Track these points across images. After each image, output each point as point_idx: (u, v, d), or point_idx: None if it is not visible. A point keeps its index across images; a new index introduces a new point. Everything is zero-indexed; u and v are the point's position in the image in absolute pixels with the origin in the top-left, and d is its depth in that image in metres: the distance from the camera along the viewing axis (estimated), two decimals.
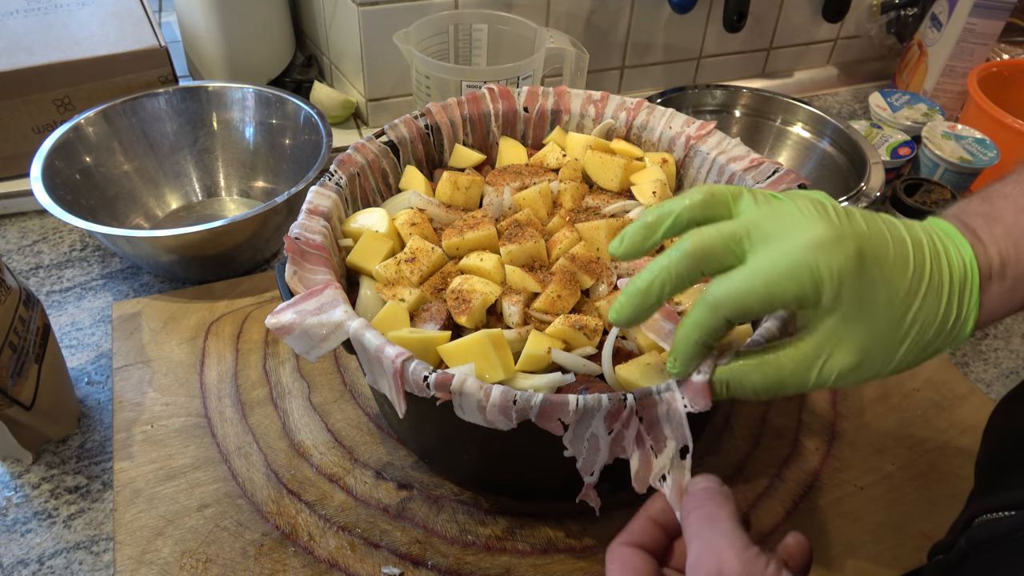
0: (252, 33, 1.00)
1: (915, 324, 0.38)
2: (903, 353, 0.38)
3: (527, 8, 0.96)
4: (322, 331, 0.47)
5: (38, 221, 0.86)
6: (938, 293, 0.38)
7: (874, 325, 0.38)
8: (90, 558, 0.55)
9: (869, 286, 0.37)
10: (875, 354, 0.38)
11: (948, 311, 0.38)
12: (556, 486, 0.57)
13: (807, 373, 0.39)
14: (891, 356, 0.38)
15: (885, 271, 0.37)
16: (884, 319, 0.38)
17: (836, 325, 0.38)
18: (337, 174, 0.60)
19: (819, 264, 0.37)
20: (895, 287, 0.37)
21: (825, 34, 1.21)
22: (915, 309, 0.38)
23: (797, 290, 0.37)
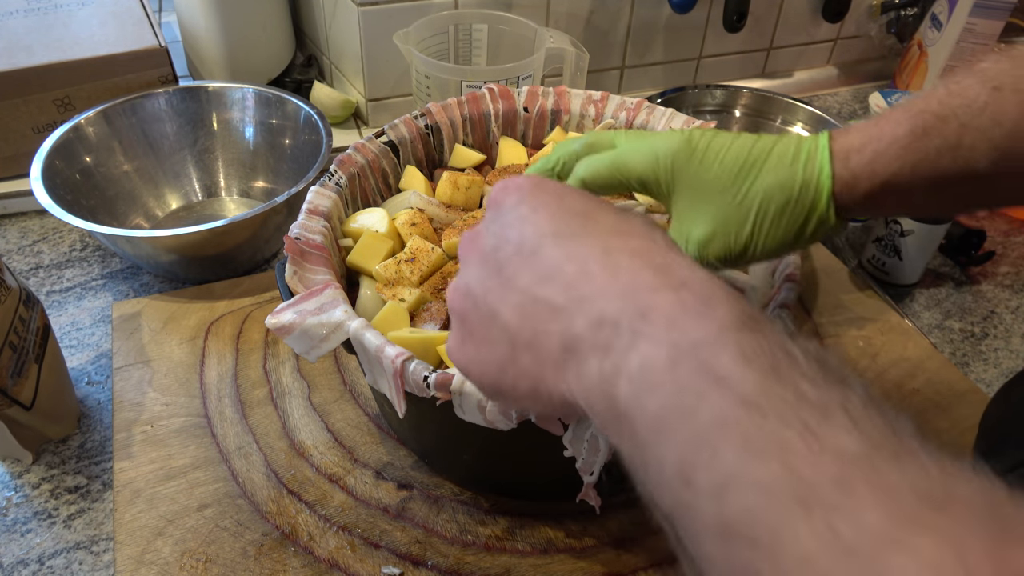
0: (252, 33, 1.00)
1: (758, 193, 0.42)
2: (755, 222, 0.43)
3: (527, 8, 0.96)
4: (322, 331, 0.47)
5: (38, 221, 0.86)
6: (780, 164, 0.42)
7: (715, 198, 0.43)
8: (90, 558, 0.55)
9: (700, 165, 0.43)
10: (725, 224, 0.43)
11: (792, 177, 0.42)
12: (556, 486, 0.57)
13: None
14: (742, 225, 0.43)
15: (718, 152, 0.43)
16: (723, 192, 0.43)
17: (685, 205, 0.44)
18: (337, 174, 0.60)
19: (656, 148, 0.44)
20: (728, 164, 0.43)
21: (825, 34, 1.21)
22: (753, 179, 0.42)
23: (639, 168, 0.44)
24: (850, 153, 0.41)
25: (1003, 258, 0.88)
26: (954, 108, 0.39)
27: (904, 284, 0.82)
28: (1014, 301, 0.82)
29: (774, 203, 0.42)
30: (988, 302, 0.82)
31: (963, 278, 0.85)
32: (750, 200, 0.42)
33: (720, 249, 0.44)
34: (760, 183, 0.42)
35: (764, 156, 0.43)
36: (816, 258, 0.83)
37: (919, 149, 0.39)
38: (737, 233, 0.43)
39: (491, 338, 0.33)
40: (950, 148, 0.39)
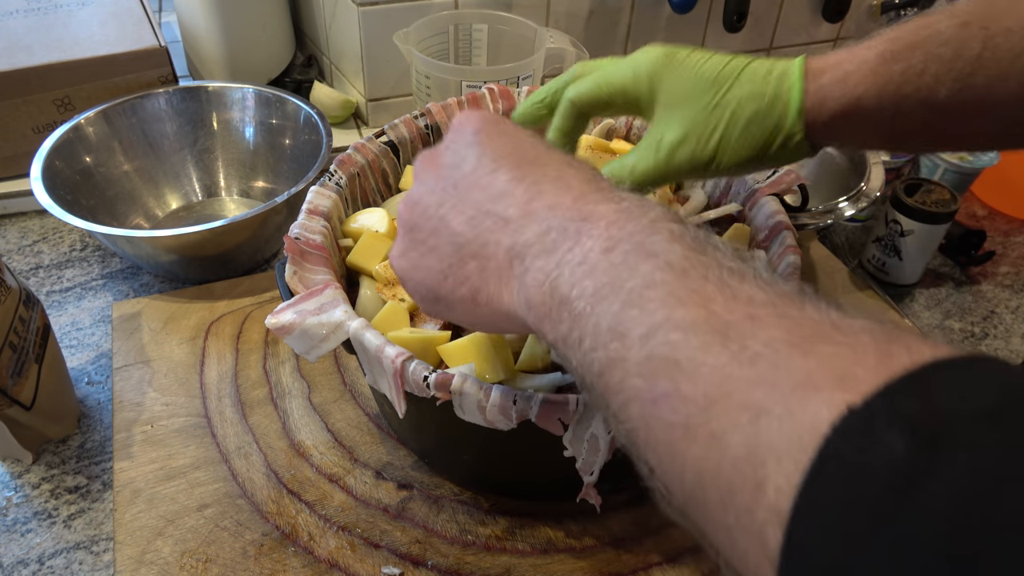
0: (252, 33, 1.00)
1: (730, 102, 0.44)
2: (726, 128, 0.44)
3: (527, 8, 0.96)
4: (322, 331, 0.47)
5: (38, 221, 0.86)
6: (754, 77, 0.44)
7: (691, 103, 0.45)
8: (90, 558, 0.55)
9: (678, 73, 0.45)
10: (697, 127, 0.45)
11: (764, 88, 0.44)
12: (556, 486, 0.57)
13: (653, 154, 0.46)
14: (713, 130, 0.45)
15: (694, 63, 0.45)
16: (699, 97, 0.45)
17: (662, 112, 0.46)
18: (337, 174, 0.60)
19: (636, 61, 0.47)
20: (704, 73, 0.45)
21: (825, 34, 1.21)
22: (728, 88, 0.44)
23: (621, 80, 0.47)
24: (822, 71, 0.43)
25: (1003, 258, 0.88)
26: (922, 38, 0.40)
27: (904, 284, 0.82)
28: (1014, 301, 0.82)
29: (745, 112, 0.44)
30: (988, 302, 0.82)
31: (963, 278, 0.85)
32: (723, 107, 0.44)
33: (689, 154, 0.45)
34: (733, 92, 0.44)
35: (740, 69, 0.45)
36: (816, 258, 0.83)
37: (885, 73, 0.41)
38: (708, 138, 0.45)
39: (437, 246, 0.35)
40: (915, 74, 0.40)
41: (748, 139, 0.45)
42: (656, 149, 0.46)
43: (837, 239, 0.88)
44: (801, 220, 0.74)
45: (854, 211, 0.75)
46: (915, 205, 0.76)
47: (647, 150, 0.47)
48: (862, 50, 0.43)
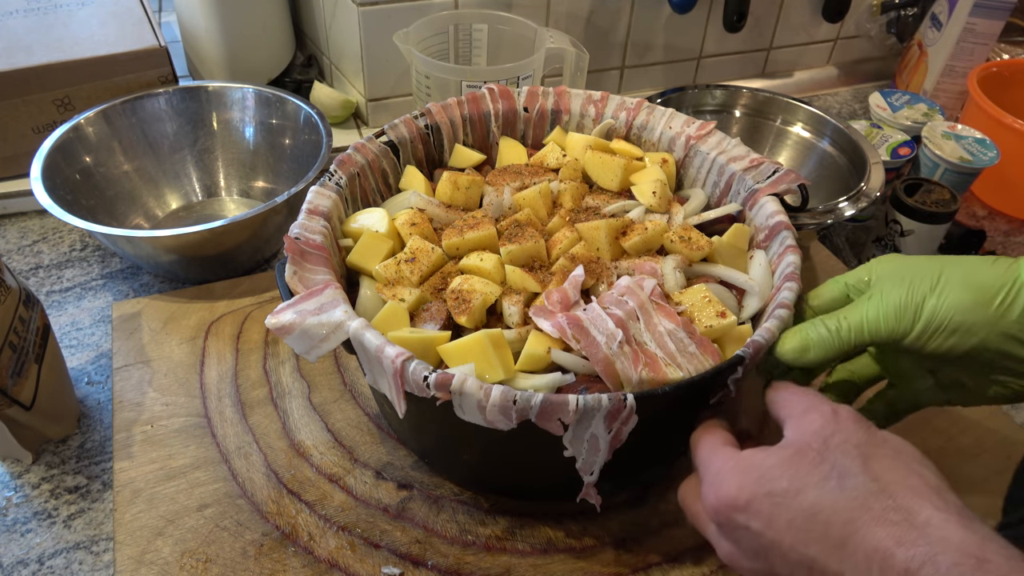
0: (252, 33, 1.00)
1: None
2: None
3: (527, 8, 0.96)
4: (322, 331, 0.47)
5: (38, 221, 0.86)
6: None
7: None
8: (90, 558, 0.55)
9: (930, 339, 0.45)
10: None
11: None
12: (556, 486, 0.57)
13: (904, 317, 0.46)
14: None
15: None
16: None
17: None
18: (337, 174, 0.60)
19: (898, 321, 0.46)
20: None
21: (825, 34, 1.21)
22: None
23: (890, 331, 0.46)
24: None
25: None
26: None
27: None
28: None
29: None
30: None
31: None
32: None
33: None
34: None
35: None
36: (816, 258, 0.83)
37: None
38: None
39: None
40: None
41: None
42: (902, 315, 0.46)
43: (837, 239, 0.88)
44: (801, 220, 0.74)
45: (854, 211, 0.75)
46: (915, 205, 0.76)
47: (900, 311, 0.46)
48: None
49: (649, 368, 0.47)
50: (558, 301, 0.51)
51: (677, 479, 0.60)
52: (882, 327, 0.46)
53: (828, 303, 0.50)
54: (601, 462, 0.45)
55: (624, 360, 0.46)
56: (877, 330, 0.46)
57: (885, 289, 0.46)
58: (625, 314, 0.49)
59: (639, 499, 0.59)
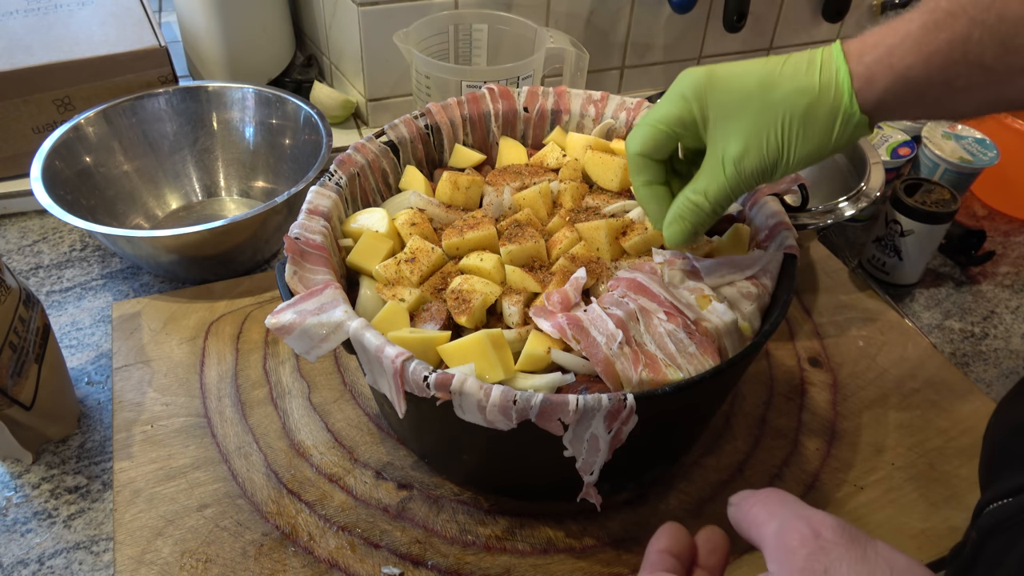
0: (252, 33, 1.00)
1: (781, 101, 0.45)
2: (782, 127, 0.45)
3: (527, 8, 0.96)
4: (322, 331, 0.47)
5: (38, 221, 0.86)
6: (796, 73, 0.45)
7: (741, 113, 0.46)
8: (90, 558, 0.55)
9: (723, 84, 0.46)
10: (755, 134, 0.45)
11: (810, 81, 0.44)
12: (556, 486, 0.57)
13: (718, 176, 0.47)
14: (771, 133, 0.45)
15: (736, 74, 0.46)
16: (749, 105, 0.45)
17: (716, 129, 0.47)
18: (337, 174, 0.60)
19: (680, 86, 0.48)
20: (747, 80, 0.46)
21: (825, 34, 1.21)
22: (773, 89, 0.45)
23: (673, 111, 0.48)
24: (864, 51, 0.43)
25: (1003, 258, 0.88)
26: (963, 4, 0.40)
27: (904, 284, 0.82)
28: (1014, 301, 0.82)
29: (798, 107, 0.44)
30: (988, 302, 0.82)
31: (963, 278, 0.85)
32: (774, 108, 0.45)
33: (755, 162, 0.46)
34: (781, 91, 0.45)
35: (779, 68, 0.45)
36: (816, 258, 0.83)
37: (931, 42, 0.41)
38: (768, 142, 0.45)
39: None
40: (961, 41, 0.40)
41: (808, 133, 0.45)
42: (722, 167, 0.47)
43: (837, 239, 0.88)
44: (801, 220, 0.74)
45: (854, 211, 0.75)
46: (915, 205, 0.76)
47: (713, 170, 0.48)
48: (903, 23, 0.43)
49: (649, 369, 0.47)
50: (558, 302, 0.51)
51: (677, 479, 0.60)
52: (742, 190, 0.48)
53: (653, 149, 0.50)
54: (601, 462, 0.45)
55: (624, 360, 0.46)
56: (737, 194, 0.48)
57: (728, 152, 0.47)
58: (625, 315, 0.49)
59: (639, 499, 0.59)
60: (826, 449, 0.63)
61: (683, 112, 0.48)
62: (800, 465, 0.62)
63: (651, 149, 0.50)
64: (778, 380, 0.69)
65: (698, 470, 0.61)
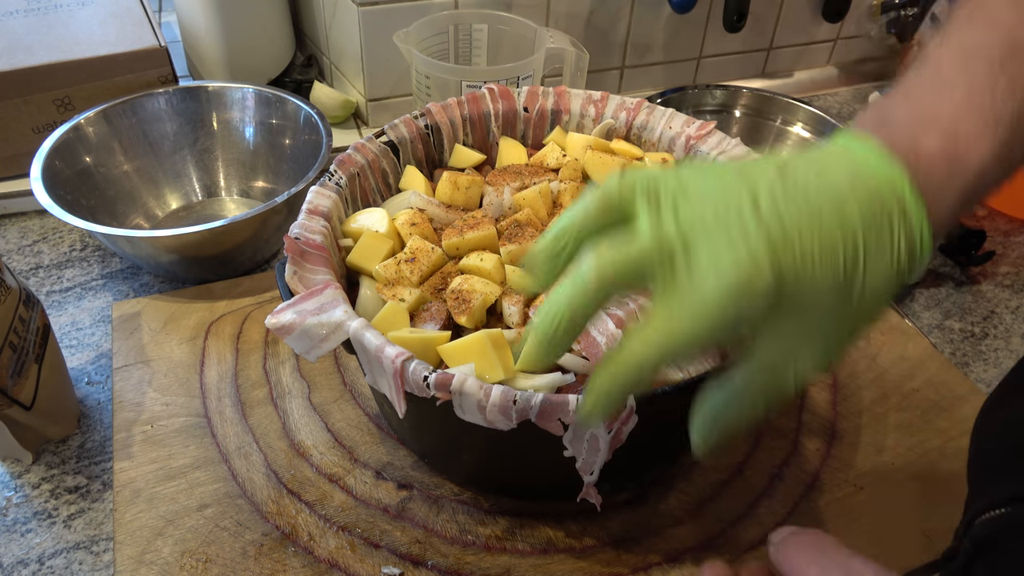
0: (252, 33, 1.00)
1: (871, 290, 0.34)
2: (863, 311, 0.34)
3: (527, 8, 0.96)
4: (322, 331, 0.47)
5: (38, 221, 0.86)
6: (880, 244, 0.33)
7: (815, 319, 0.34)
8: (90, 558, 0.55)
9: (796, 297, 0.33)
10: (839, 334, 0.35)
11: (894, 256, 0.34)
12: (556, 486, 0.57)
13: (782, 383, 0.35)
14: (850, 328, 0.35)
15: (811, 271, 0.33)
16: (824, 309, 0.34)
17: (778, 339, 0.35)
18: (337, 174, 0.60)
19: (732, 313, 0.33)
20: (826, 271, 0.33)
21: (825, 34, 1.21)
22: (862, 276, 0.33)
23: (718, 338, 0.34)
24: (942, 193, 0.34)
25: (1003, 258, 0.88)
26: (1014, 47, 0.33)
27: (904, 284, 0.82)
28: (1014, 301, 0.82)
29: (887, 291, 0.34)
30: (988, 302, 0.82)
31: (963, 278, 0.85)
32: (866, 301, 0.34)
33: (838, 357, 0.36)
34: (870, 280, 0.33)
35: (858, 238, 0.33)
36: None
37: (1006, 161, 0.34)
38: (845, 335, 0.35)
39: None
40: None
41: (885, 301, 0.35)
42: (790, 375, 0.35)
43: None
44: None
45: None
46: None
47: (780, 372, 0.35)
48: (976, 152, 0.33)
49: None
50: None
51: (677, 479, 0.60)
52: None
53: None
54: (601, 462, 0.45)
55: None
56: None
57: (804, 360, 0.35)
58: (625, 315, 0.49)
59: (639, 499, 0.59)
60: (826, 449, 0.63)
61: (732, 336, 0.34)
62: (800, 465, 0.62)
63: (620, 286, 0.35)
64: None
65: (698, 470, 0.61)
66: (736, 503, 0.59)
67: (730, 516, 0.58)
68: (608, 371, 0.35)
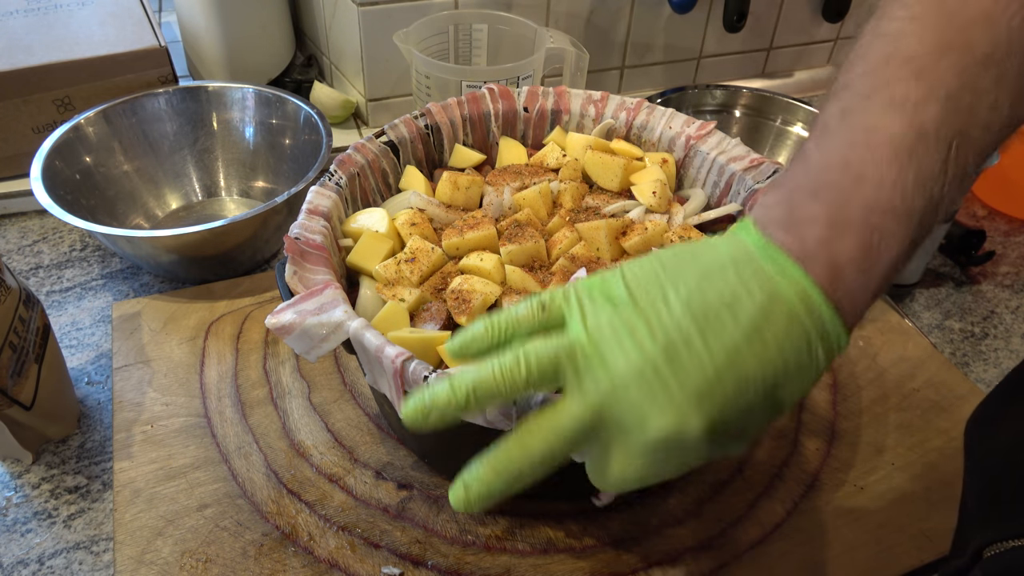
0: (252, 33, 1.00)
1: (785, 398, 0.34)
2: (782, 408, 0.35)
3: (527, 8, 0.96)
4: (322, 331, 0.47)
5: (38, 221, 0.86)
6: (800, 364, 0.33)
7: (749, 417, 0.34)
8: (90, 558, 0.55)
9: (724, 426, 0.33)
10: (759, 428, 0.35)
11: (812, 362, 0.33)
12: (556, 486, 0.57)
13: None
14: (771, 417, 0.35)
15: (734, 415, 0.33)
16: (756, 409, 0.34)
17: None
18: (337, 174, 0.60)
19: (669, 466, 0.35)
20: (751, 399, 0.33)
21: (825, 34, 1.21)
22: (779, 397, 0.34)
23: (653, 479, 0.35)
24: (858, 296, 0.34)
25: (1003, 258, 0.88)
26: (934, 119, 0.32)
27: (904, 284, 0.82)
28: (1014, 301, 0.82)
29: (806, 391, 0.35)
30: (988, 302, 0.82)
31: (963, 278, 0.85)
32: (778, 401, 0.34)
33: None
34: (789, 392, 0.34)
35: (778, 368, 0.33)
36: None
37: (915, 247, 0.34)
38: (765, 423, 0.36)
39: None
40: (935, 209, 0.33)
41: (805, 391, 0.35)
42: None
43: None
44: None
45: None
46: None
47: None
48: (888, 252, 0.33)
49: None
50: None
51: (677, 479, 0.60)
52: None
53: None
54: None
55: None
56: None
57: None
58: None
59: (639, 499, 0.59)
60: (826, 449, 0.63)
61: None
62: (800, 465, 0.62)
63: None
64: None
65: (698, 470, 0.61)
66: (736, 503, 0.59)
67: (730, 516, 0.58)
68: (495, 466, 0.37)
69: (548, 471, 0.37)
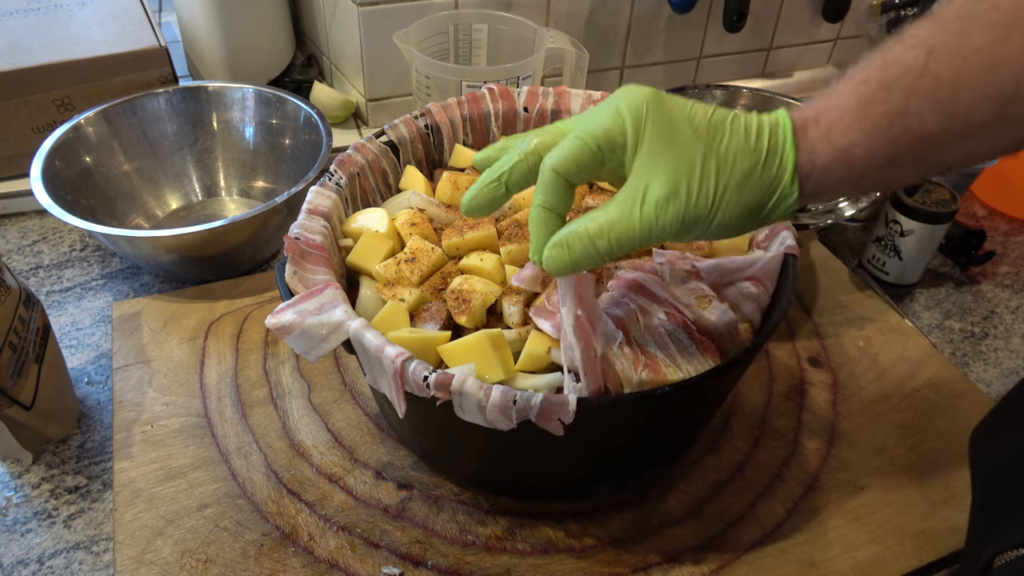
0: (252, 33, 1.00)
1: (726, 154, 0.40)
2: (718, 187, 0.40)
3: (527, 8, 0.96)
4: (322, 331, 0.47)
5: (38, 221, 0.86)
6: (747, 132, 0.41)
7: (680, 152, 0.40)
8: (90, 558, 0.55)
9: (669, 111, 0.41)
10: (689, 179, 0.40)
11: (759, 144, 0.41)
12: (556, 486, 0.57)
13: (631, 214, 0.41)
14: (706, 183, 0.40)
15: (685, 107, 0.41)
16: (689, 146, 0.40)
17: (645, 160, 0.41)
18: (337, 174, 0.60)
19: (621, 104, 0.41)
20: (696, 118, 0.41)
21: (825, 34, 1.21)
22: (722, 138, 0.41)
23: (605, 130, 0.41)
24: (807, 124, 0.41)
25: (1003, 258, 0.88)
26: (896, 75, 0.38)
27: (904, 284, 0.82)
28: (1014, 301, 0.82)
29: (740, 166, 0.40)
30: (988, 302, 0.82)
31: (963, 278, 0.85)
32: (719, 159, 0.40)
33: (678, 211, 0.40)
34: (728, 144, 0.40)
35: (729, 119, 0.41)
36: (816, 258, 0.83)
37: (869, 117, 0.39)
38: (699, 193, 0.40)
39: None
40: (899, 113, 0.38)
41: (743, 197, 0.41)
42: (639, 206, 0.41)
43: (837, 239, 0.88)
44: (801, 220, 0.74)
45: (854, 211, 0.75)
46: (915, 205, 0.76)
47: (627, 207, 0.41)
48: (838, 98, 0.40)
49: (649, 369, 0.47)
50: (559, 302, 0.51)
51: (677, 479, 0.60)
52: (649, 240, 0.42)
53: (574, 168, 0.42)
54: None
55: (624, 360, 0.46)
56: (642, 243, 0.42)
57: (653, 191, 0.40)
58: (625, 315, 0.49)
59: (639, 499, 0.59)
60: (826, 449, 0.63)
61: (616, 129, 0.41)
62: (800, 465, 0.62)
63: (572, 167, 0.42)
64: (778, 380, 0.69)
65: (698, 470, 0.61)
66: (736, 503, 0.59)
67: (730, 516, 0.58)
68: (500, 166, 0.45)
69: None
